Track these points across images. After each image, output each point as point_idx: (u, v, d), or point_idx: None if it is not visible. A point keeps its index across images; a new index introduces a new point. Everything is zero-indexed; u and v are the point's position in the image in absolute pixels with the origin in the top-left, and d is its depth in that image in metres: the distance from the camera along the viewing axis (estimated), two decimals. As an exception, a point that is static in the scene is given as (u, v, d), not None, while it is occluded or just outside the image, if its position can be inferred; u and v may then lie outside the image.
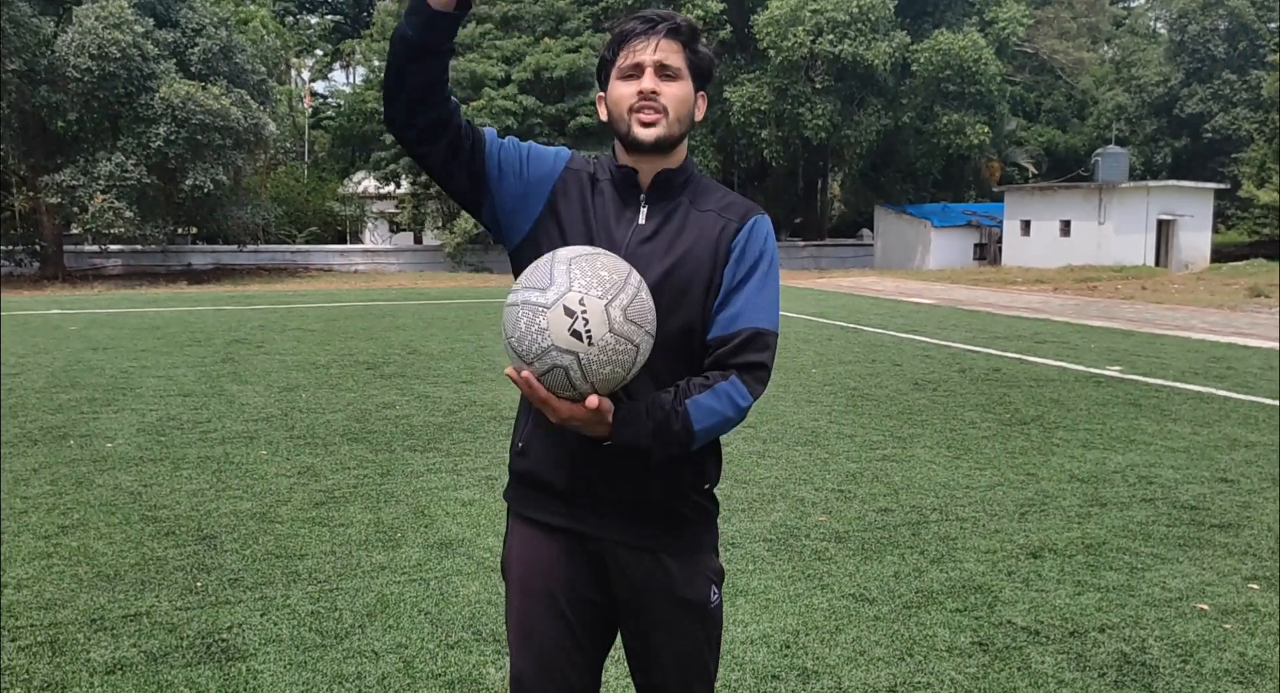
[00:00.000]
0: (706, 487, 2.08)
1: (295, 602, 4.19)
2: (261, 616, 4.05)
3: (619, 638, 2.16)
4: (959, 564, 4.68)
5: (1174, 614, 4.12)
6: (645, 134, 1.95)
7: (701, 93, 2.03)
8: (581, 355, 1.72)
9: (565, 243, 1.94)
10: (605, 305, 1.72)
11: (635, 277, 1.82)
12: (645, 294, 1.82)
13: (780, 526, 5.26)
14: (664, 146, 1.98)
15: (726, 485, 5.99)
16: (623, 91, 1.97)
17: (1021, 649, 3.78)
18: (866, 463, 6.60)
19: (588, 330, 1.71)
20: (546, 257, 1.81)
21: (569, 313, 1.70)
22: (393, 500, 5.70)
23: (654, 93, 1.94)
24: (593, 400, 1.77)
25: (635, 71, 1.96)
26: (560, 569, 2.04)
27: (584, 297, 1.71)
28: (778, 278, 2.04)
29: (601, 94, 2.04)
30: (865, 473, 6.34)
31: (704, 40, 2.02)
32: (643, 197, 2.02)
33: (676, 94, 1.96)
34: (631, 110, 1.95)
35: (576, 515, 2.02)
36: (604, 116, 2.03)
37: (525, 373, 1.77)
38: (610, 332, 1.72)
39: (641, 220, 2.00)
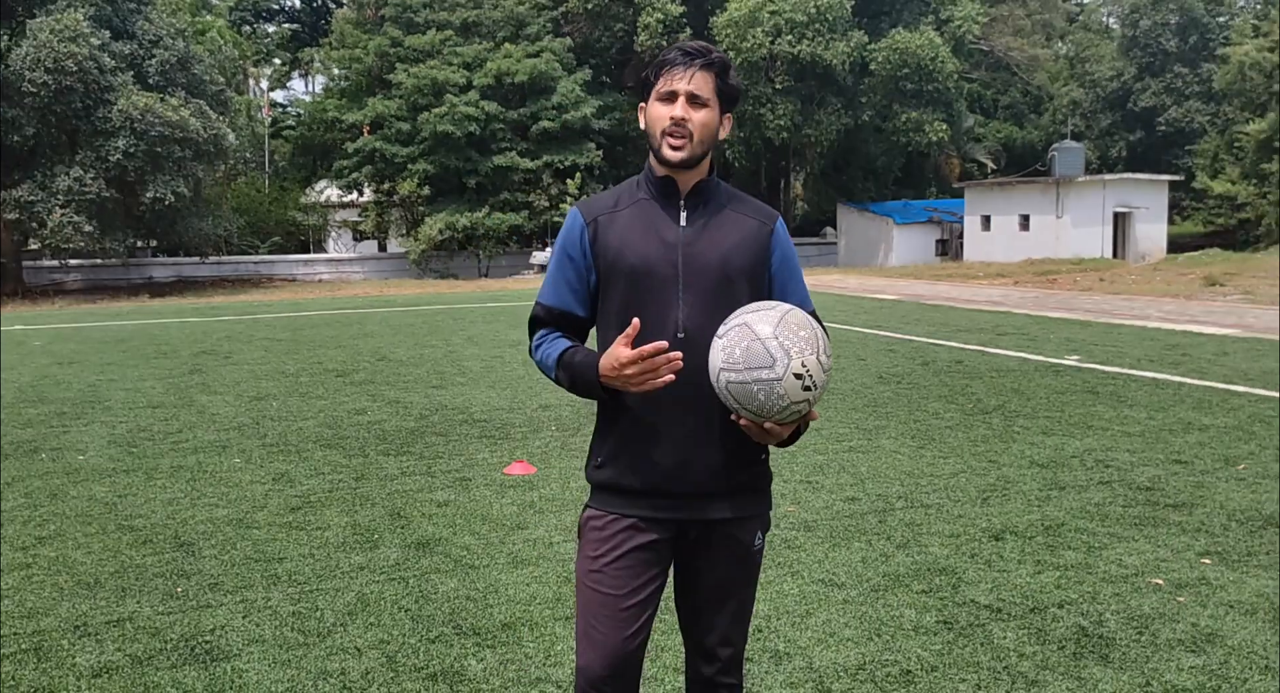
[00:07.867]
0: (764, 456, 2.45)
1: (276, 603, 4.26)
2: (243, 617, 4.11)
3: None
4: (924, 549, 4.83)
5: (1130, 589, 4.28)
6: (672, 155, 2.27)
7: (728, 115, 2.34)
8: (811, 399, 2.13)
9: (625, 259, 2.29)
10: (817, 358, 2.12)
11: (813, 321, 2.18)
12: (822, 329, 2.19)
13: (750, 517, 5.37)
14: (688, 164, 2.29)
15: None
16: (659, 113, 2.28)
17: (984, 626, 3.92)
18: (833, 455, 6.73)
19: (813, 380, 2.11)
20: (744, 334, 2.10)
21: (798, 376, 2.08)
22: (368, 503, 5.76)
23: (683, 120, 2.25)
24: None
25: (670, 98, 2.26)
26: (637, 541, 2.34)
27: (802, 359, 2.09)
28: None
29: (643, 105, 2.35)
30: (832, 464, 6.48)
31: (733, 72, 2.32)
32: (682, 202, 2.34)
33: (702, 120, 2.26)
34: (664, 133, 2.26)
35: (659, 506, 2.33)
36: (643, 126, 2.35)
37: (768, 425, 2.17)
38: (824, 372, 2.15)
39: (683, 222, 2.33)
